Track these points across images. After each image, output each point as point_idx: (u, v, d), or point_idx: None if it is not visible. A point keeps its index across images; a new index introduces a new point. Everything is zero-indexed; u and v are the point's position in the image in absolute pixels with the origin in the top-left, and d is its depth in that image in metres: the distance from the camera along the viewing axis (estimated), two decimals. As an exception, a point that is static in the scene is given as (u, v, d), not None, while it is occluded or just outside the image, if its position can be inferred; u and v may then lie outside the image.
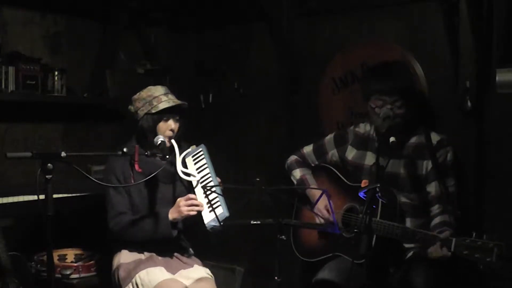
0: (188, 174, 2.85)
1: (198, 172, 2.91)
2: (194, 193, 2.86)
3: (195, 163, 2.98)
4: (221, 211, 2.68)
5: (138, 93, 2.99)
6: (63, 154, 2.35)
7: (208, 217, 2.72)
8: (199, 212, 2.77)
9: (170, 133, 2.94)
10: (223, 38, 4.15)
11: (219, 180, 2.87)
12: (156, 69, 4.29)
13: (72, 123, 4.01)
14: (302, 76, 3.77)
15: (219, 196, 2.74)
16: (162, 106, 2.90)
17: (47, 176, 2.29)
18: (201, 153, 3.00)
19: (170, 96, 2.98)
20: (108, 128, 4.18)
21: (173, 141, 2.91)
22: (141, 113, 2.93)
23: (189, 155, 3.03)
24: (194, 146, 3.07)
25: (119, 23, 4.05)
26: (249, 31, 4.03)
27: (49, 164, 2.29)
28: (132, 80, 4.08)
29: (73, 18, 4.01)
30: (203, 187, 2.75)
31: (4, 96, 3.46)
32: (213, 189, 2.76)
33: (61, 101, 3.81)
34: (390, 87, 2.75)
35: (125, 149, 2.63)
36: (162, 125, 2.93)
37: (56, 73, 3.74)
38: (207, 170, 2.90)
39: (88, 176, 2.51)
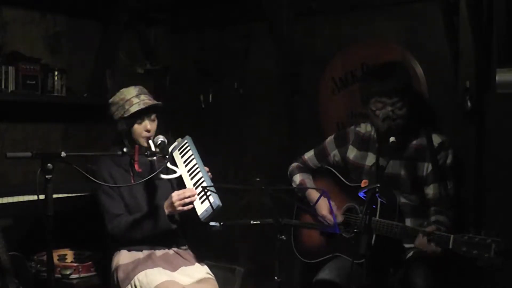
0: (171, 170, 2.84)
1: (186, 165, 2.90)
2: (183, 184, 2.86)
3: (182, 156, 2.97)
4: (212, 200, 2.67)
5: (113, 97, 2.97)
6: (63, 154, 2.35)
7: (200, 209, 2.73)
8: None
9: (146, 134, 2.91)
10: (223, 38, 4.15)
11: (207, 169, 2.87)
12: (156, 69, 4.29)
13: (72, 123, 4.01)
14: (302, 76, 3.77)
15: (209, 186, 2.71)
16: (133, 109, 2.87)
17: (47, 176, 2.29)
18: (187, 145, 2.99)
19: (143, 97, 2.93)
20: (108, 128, 4.15)
21: (150, 141, 2.88)
22: (116, 117, 2.92)
23: (176, 149, 3.02)
24: (179, 139, 3.06)
25: (119, 23, 4.05)
26: (249, 31, 4.02)
27: (49, 164, 2.29)
28: (132, 80, 4.06)
29: (73, 18, 4.01)
30: (195, 184, 2.75)
31: (4, 96, 3.46)
32: (202, 179, 2.77)
33: (61, 101, 3.81)
34: (389, 89, 2.73)
35: (125, 149, 2.63)
36: (137, 127, 2.91)
37: (56, 73, 3.74)
38: (194, 161, 2.89)
39: (88, 176, 2.51)
